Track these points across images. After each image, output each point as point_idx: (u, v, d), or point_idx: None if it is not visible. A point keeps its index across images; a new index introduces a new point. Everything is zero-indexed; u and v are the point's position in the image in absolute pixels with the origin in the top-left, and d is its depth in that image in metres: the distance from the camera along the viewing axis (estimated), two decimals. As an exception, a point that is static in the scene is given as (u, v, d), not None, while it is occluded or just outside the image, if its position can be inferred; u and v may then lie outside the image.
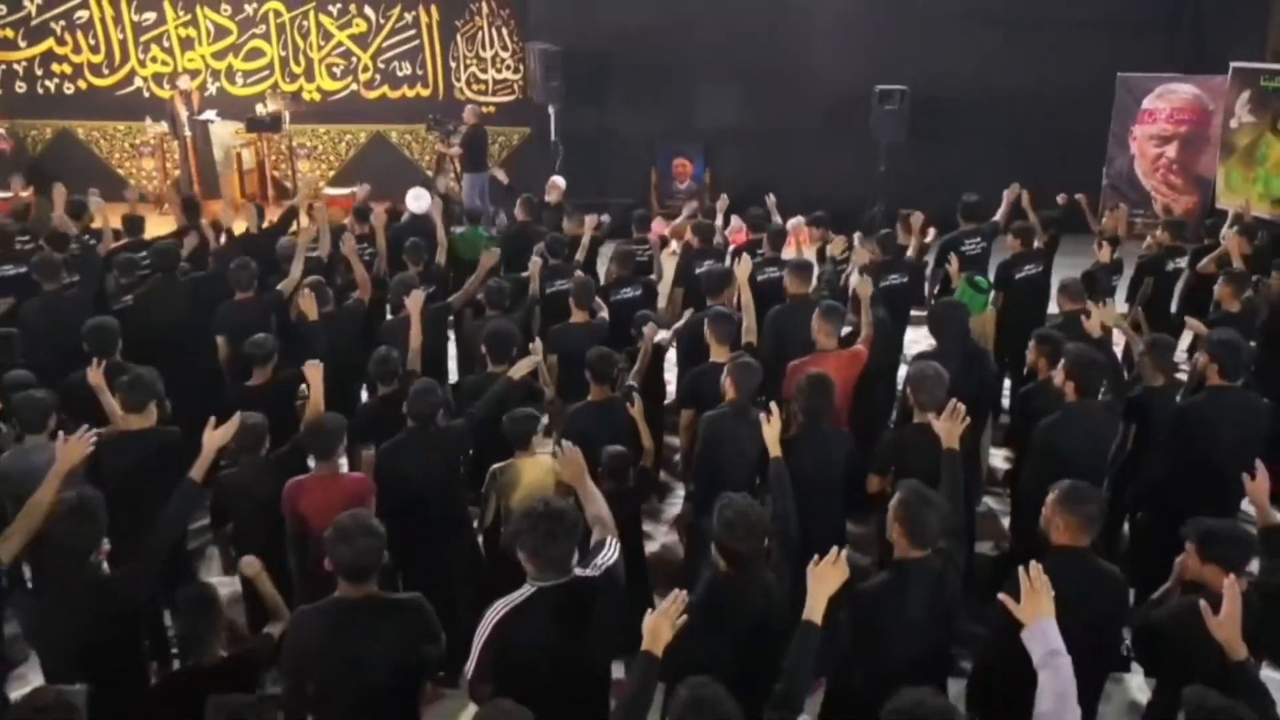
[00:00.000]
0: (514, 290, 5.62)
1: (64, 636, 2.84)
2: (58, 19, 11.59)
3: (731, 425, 3.97)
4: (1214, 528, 2.96)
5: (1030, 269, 6.51)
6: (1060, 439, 3.94)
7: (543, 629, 2.55)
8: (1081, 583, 2.90)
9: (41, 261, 5.55)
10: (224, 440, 3.44)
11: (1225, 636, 2.55)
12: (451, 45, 11.91)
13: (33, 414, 3.92)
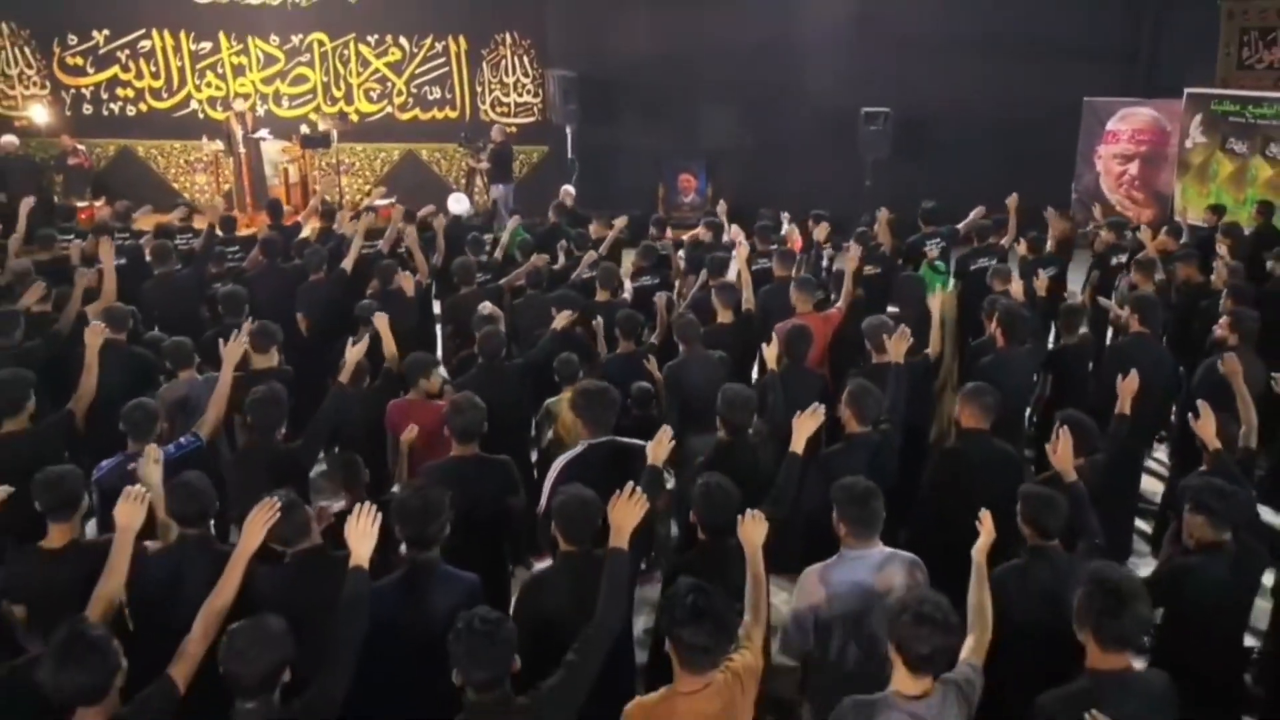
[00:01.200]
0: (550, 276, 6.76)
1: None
2: (123, 48, 12.69)
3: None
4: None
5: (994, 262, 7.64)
6: (991, 374, 4.99)
7: (592, 474, 3.62)
8: (985, 457, 3.99)
9: (157, 248, 6.69)
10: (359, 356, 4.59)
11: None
12: (477, 72, 13.01)
13: (182, 355, 5.02)
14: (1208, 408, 3.85)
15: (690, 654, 2.53)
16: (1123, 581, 2.62)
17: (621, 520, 2.93)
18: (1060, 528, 3.23)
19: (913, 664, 2.49)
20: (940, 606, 2.51)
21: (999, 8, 12.26)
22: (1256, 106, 11.16)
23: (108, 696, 2.43)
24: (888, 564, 3.16)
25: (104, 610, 2.87)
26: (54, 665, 2.38)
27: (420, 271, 6.76)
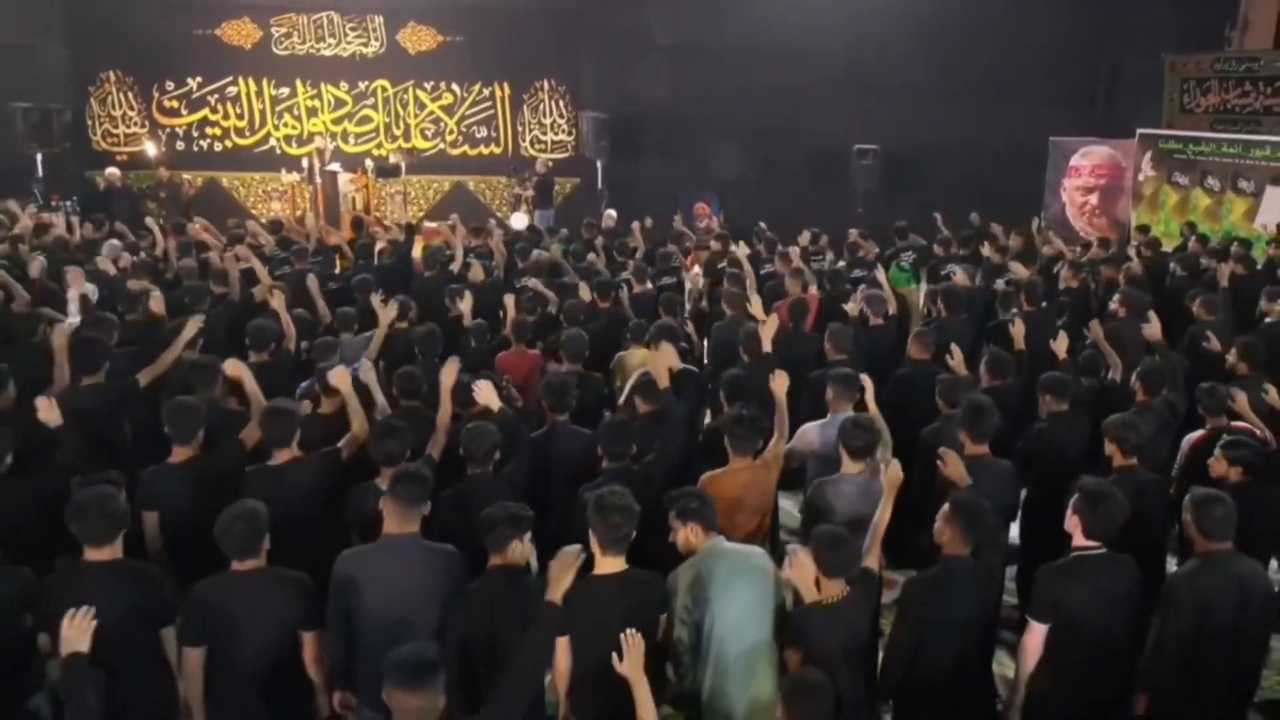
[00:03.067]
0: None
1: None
2: (213, 93, 14.55)
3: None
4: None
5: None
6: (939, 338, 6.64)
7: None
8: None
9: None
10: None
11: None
12: (519, 113, 14.82)
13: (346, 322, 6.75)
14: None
15: (740, 442, 4.21)
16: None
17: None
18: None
19: (852, 454, 4.20)
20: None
21: (975, 59, 13.78)
22: (1195, 145, 12.75)
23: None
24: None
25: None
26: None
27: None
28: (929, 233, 10.16)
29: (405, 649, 2.74)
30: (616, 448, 4.23)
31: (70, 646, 2.97)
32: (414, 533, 3.57)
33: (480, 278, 7.90)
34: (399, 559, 3.52)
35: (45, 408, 4.38)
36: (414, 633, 3.40)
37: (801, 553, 3.35)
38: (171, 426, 4.27)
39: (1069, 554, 3.60)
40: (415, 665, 2.65)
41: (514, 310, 6.76)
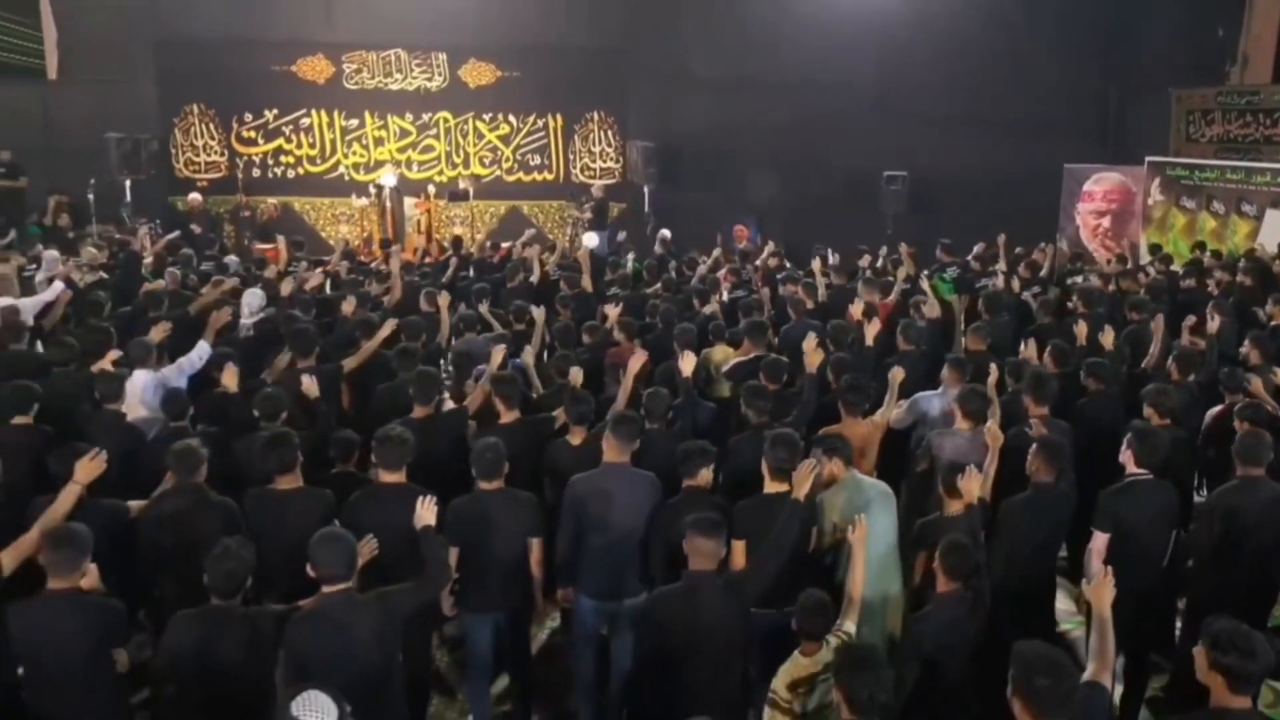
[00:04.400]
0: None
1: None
2: (288, 124, 15.60)
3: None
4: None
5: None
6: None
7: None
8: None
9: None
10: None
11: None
12: (571, 142, 15.93)
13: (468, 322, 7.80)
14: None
15: (852, 406, 5.25)
16: None
17: None
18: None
19: (966, 415, 5.20)
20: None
21: (995, 92, 14.84)
22: (1201, 171, 13.76)
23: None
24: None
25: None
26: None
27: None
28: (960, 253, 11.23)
29: (702, 514, 3.77)
30: (763, 404, 5.28)
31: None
32: (625, 461, 4.58)
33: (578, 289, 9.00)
34: (617, 480, 4.55)
35: (308, 383, 5.42)
36: (625, 537, 4.43)
37: (975, 473, 4.35)
38: (417, 390, 5.37)
39: (1124, 479, 4.60)
40: (713, 521, 3.69)
41: (614, 314, 7.78)
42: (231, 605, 3.61)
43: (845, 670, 3.06)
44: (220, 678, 3.52)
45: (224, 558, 3.61)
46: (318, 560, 3.48)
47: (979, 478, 4.40)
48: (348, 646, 3.39)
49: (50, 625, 3.58)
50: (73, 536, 3.62)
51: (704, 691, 3.63)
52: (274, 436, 4.53)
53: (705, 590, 3.74)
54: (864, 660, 3.08)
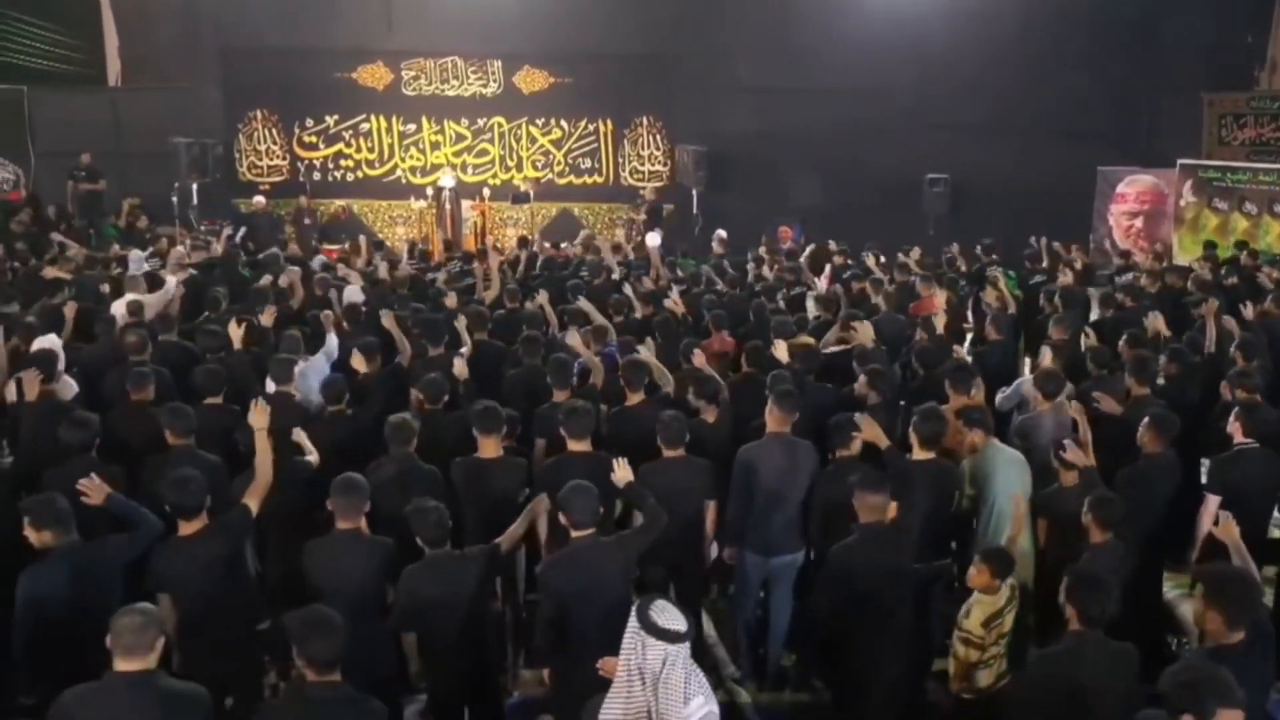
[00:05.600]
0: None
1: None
2: (348, 129, 16.11)
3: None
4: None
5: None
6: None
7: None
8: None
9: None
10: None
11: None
12: (620, 147, 16.48)
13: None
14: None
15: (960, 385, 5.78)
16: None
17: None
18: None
19: (1045, 396, 5.75)
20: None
21: (1029, 97, 15.40)
22: (1233, 174, 14.33)
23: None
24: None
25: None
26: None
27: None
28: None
29: (868, 472, 4.28)
30: (885, 386, 5.88)
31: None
32: (787, 431, 5.13)
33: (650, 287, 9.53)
34: (780, 449, 5.12)
35: (460, 366, 5.94)
36: (789, 499, 4.97)
37: (1074, 446, 4.88)
38: (554, 375, 5.87)
39: (1233, 449, 5.14)
40: (879, 478, 4.23)
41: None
42: (449, 552, 4.12)
43: (1079, 590, 3.55)
44: (454, 614, 4.03)
45: (428, 512, 4.12)
46: (571, 509, 4.00)
47: (1077, 451, 4.91)
48: (598, 583, 3.92)
49: (339, 559, 4.10)
50: (357, 484, 4.15)
51: (886, 630, 4.15)
52: (485, 409, 5.05)
53: (877, 539, 4.26)
54: (1094, 580, 3.59)
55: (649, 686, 2.76)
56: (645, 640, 2.78)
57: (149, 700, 3.14)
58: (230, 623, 4.02)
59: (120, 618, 3.24)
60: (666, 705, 2.75)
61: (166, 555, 4.13)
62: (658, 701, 2.75)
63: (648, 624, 2.79)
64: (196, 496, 4.13)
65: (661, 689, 2.75)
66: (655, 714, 2.75)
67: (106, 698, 3.16)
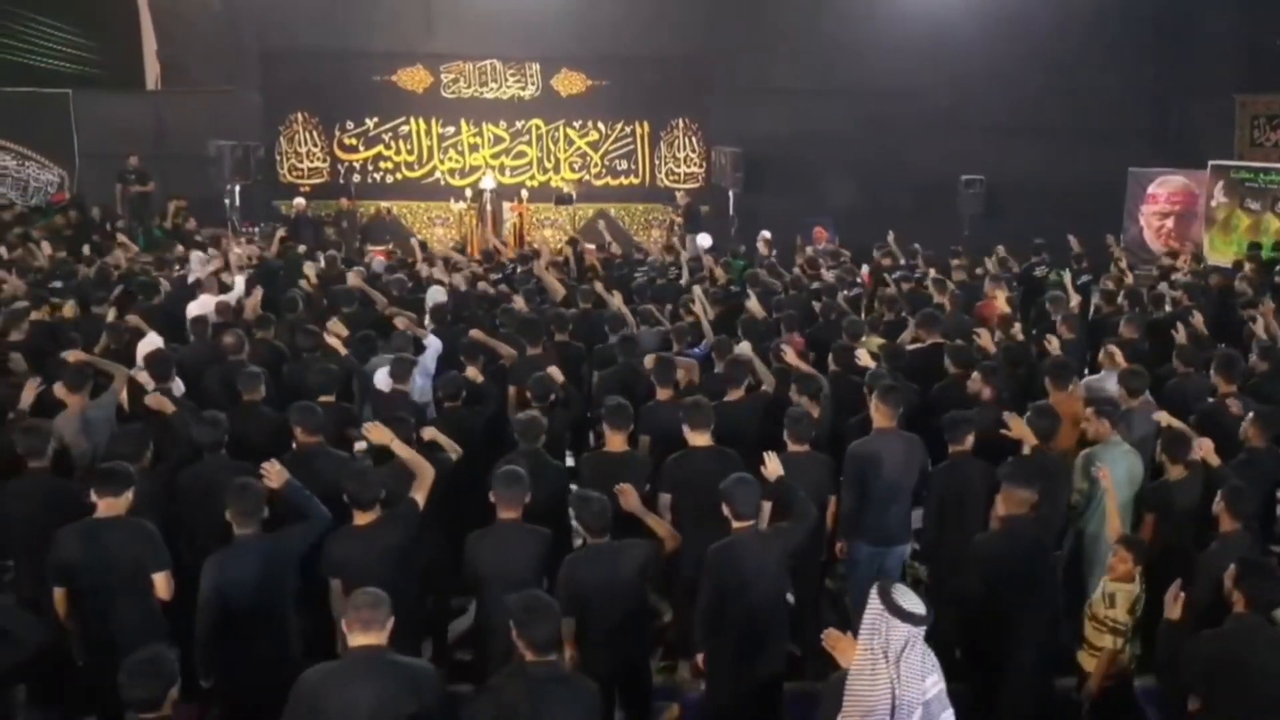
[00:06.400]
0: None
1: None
2: (387, 131, 16.26)
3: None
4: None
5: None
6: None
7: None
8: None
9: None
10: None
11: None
12: (657, 148, 16.67)
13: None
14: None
15: (1062, 380, 5.92)
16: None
17: None
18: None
19: (1130, 393, 5.89)
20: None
21: (1063, 99, 15.62)
22: (1266, 174, 14.43)
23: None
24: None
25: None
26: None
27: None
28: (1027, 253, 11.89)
29: (1017, 468, 4.46)
30: (998, 382, 6.00)
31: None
32: (894, 426, 5.33)
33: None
34: (888, 443, 5.31)
35: (554, 372, 6.13)
36: (901, 493, 5.13)
37: (1207, 443, 5.06)
38: (657, 374, 6.04)
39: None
40: (1029, 472, 4.36)
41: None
42: (609, 542, 4.29)
43: (1249, 577, 3.72)
44: (612, 601, 4.20)
45: (591, 502, 4.30)
46: (734, 500, 4.18)
47: (1209, 448, 5.08)
48: (760, 572, 4.09)
49: (502, 549, 4.29)
50: (519, 476, 4.32)
51: (1026, 620, 4.32)
52: (617, 405, 5.24)
53: (1021, 531, 4.43)
54: (1263, 568, 3.77)
55: (891, 664, 2.92)
56: (890, 622, 2.95)
57: (387, 674, 3.31)
58: (396, 611, 4.18)
59: (358, 595, 3.42)
60: (908, 682, 2.92)
61: (343, 543, 4.31)
62: (900, 679, 2.91)
63: (893, 606, 2.96)
64: (374, 489, 4.31)
65: (904, 667, 2.92)
66: (897, 691, 2.92)
67: (347, 673, 3.32)
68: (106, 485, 4.26)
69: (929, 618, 3.00)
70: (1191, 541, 4.93)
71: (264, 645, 4.06)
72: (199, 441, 5.11)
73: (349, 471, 4.39)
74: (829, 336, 8.16)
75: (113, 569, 4.16)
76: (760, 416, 5.90)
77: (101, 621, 4.13)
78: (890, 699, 2.93)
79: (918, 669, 2.97)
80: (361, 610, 3.35)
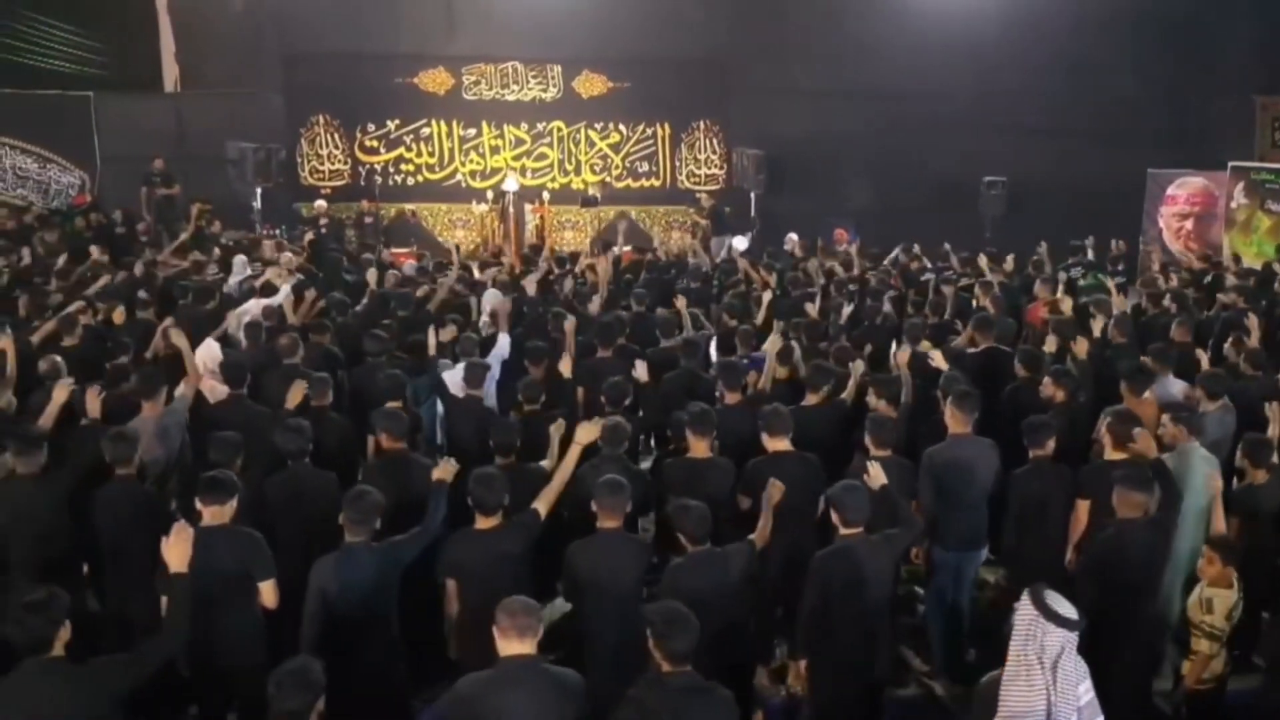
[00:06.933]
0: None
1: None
2: (409, 133, 16.24)
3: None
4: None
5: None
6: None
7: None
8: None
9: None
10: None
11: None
12: (678, 150, 16.67)
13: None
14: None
15: (1139, 386, 5.94)
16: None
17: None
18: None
19: (1210, 396, 5.90)
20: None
21: (1083, 101, 15.59)
22: (1287, 176, 14.70)
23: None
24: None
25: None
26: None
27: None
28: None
29: (1133, 471, 4.46)
30: (1071, 383, 6.02)
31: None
32: (969, 432, 5.37)
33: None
34: (964, 449, 5.36)
35: (641, 369, 6.16)
36: (978, 497, 5.15)
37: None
38: (725, 377, 6.09)
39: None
40: (1146, 477, 4.37)
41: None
42: (710, 549, 4.31)
43: None
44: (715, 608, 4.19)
45: (691, 509, 4.31)
46: (844, 507, 4.19)
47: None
48: (868, 578, 4.11)
49: (605, 558, 4.31)
50: (624, 486, 4.33)
51: (1137, 622, 4.34)
52: (701, 411, 5.24)
53: (1136, 534, 4.43)
54: None
55: (1047, 670, 2.94)
56: (1045, 628, 2.96)
57: (541, 684, 3.32)
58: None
59: (512, 602, 3.43)
60: (1064, 689, 2.94)
61: (462, 545, 4.34)
62: (1056, 686, 2.93)
63: (1049, 612, 2.98)
64: (499, 494, 4.32)
65: (1060, 673, 2.93)
66: (1053, 698, 2.93)
67: (503, 682, 3.33)
68: (213, 494, 4.25)
69: (1082, 623, 3.01)
70: (1275, 545, 4.97)
71: (372, 651, 4.05)
72: (284, 449, 5.10)
73: (477, 475, 4.38)
74: (881, 340, 8.23)
75: (221, 578, 4.14)
76: (840, 423, 5.92)
77: (206, 630, 4.11)
78: (1046, 705, 2.94)
79: (1072, 675, 2.99)
80: (517, 617, 3.36)
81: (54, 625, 3.27)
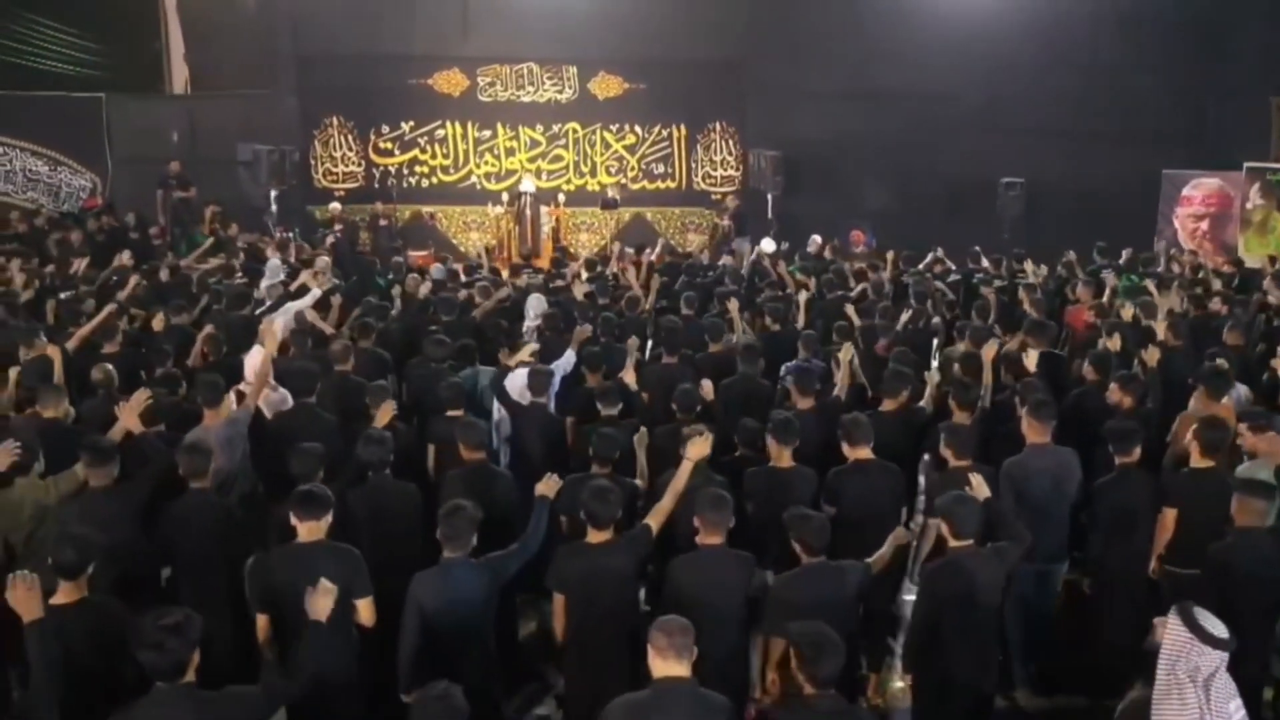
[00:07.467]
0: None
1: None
2: (423, 135, 16.11)
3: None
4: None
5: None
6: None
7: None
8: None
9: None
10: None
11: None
12: (693, 152, 16.59)
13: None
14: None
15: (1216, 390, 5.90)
16: None
17: None
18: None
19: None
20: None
21: (1098, 102, 15.63)
22: (1304, 176, 14.73)
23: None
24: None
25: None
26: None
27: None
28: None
29: (1253, 479, 4.40)
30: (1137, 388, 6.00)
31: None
32: (1047, 441, 5.33)
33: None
34: (1043, 458, 5.31)
35: (707, 387, 6.07)
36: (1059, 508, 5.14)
37: None
38: (799, 382, 6.00)
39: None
40: (1269, 486, 4.31)
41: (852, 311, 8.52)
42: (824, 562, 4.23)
43: None
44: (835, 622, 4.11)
45: (810, 519, 4.25)
46: (954, 518, 4.11)
47: None
48: (975, 592, 4.03)
49: (709, 573, 4.21)
50: (727, 501, 4.25)
51: (1261, 633, 4.27)
52: (785, 421, 5.15)
53: (1257, 543, 4.37)
54: None
55: (1199, 689, 2.87)
56: (1199, 648, 2.89)
57: (695, 708, 3.22)
58: (617, 634, 4.09)
59: (669, 621, 3.34)
60: (1217, 706, 2.87)
61: (572, 559, 4.25)
62: (1209, 705, 2.86)
63: (1202, 632, 2.91)
64: (614, 508, 4.22)
65: (1214, 692, 2.86)
66: (1207, 718, 2.87)
67: (657, 705, 3.24)
68: (308, 508, 4.12)
69: (1234, 642, 2.94)
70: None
71: (470, 669, 3.94)
72: (364, 460, 4.98)
73: (591, 488, 4.29)
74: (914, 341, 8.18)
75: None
76: (917, 431, 5.84)
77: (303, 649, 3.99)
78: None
79: (1225, 694, 2.92)
80: (674, 636, 3.26)
81: (190, 649, 3.17)
